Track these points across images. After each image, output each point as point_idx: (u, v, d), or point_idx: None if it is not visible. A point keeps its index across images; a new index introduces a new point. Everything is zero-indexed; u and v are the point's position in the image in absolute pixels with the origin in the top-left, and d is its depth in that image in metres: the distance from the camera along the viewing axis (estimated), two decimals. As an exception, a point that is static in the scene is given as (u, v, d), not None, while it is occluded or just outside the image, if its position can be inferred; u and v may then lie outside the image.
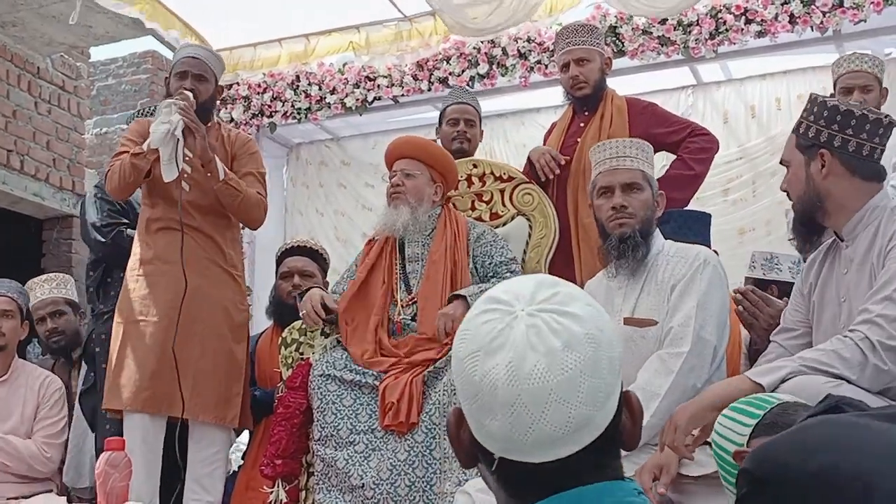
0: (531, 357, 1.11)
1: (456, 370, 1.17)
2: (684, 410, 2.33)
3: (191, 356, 3.70)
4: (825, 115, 2.55)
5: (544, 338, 1.12)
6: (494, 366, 1.12)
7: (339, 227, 7.29)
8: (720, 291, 2.93)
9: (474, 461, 1.21)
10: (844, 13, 5.28)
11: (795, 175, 2.61)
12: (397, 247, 3.73)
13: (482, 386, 1.12)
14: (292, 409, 3.45)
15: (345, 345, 3.54)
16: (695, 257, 2.98)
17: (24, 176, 6.89)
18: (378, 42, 6.28)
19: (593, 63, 4.18)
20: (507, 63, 6.08)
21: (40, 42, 6.80)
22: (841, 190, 2.54)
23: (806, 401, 2.11)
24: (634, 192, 3.06)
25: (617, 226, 3.04)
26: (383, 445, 3.24)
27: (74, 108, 7.50)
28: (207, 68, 3.90)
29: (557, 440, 1.11)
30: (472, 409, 1.15)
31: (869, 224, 2.51)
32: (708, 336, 2.82)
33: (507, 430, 1.11)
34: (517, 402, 1.10)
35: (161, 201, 3.86)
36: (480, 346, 1.14)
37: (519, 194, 4.11)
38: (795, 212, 2.64)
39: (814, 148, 2.56)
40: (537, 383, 1.10)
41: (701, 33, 5.59)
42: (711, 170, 6.18)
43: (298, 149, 7.55)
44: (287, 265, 4.54)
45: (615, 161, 3.10)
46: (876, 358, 2.22)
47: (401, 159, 3.79)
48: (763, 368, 2.34)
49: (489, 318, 1.16)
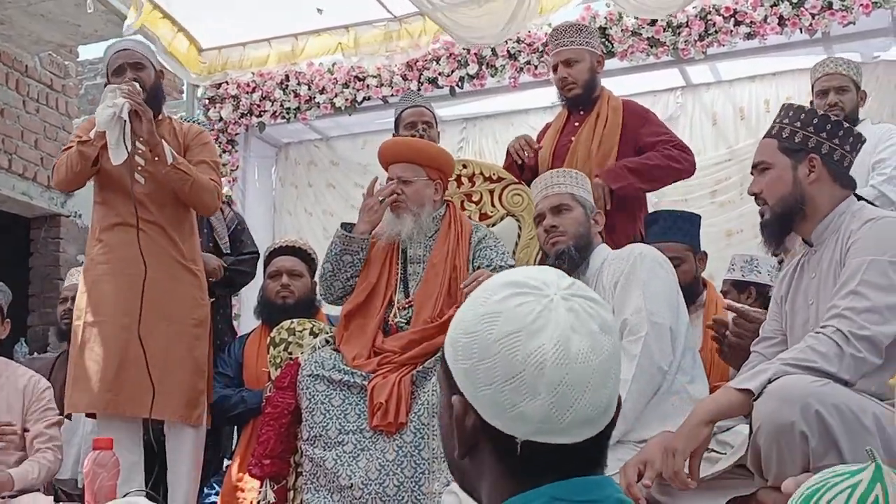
0: (576, 339, 1.14)
1: (483, 354, 1.16)
2: (677, 435, 2.33)
3: (155, 354, 3.64)
4: (814, 123, 2.62)
5: (584, 321, 1.16)
6: (540, 345, 1.13)
7: (328, 226, 7.25)
8: (664, 275, 3.04)
9: (470, 453, 1.20)
10: (833, 15, 5.29)
11: (780, 177, 2.64)
12: (399, 247, 3.72)
13: (526, 366, 1.13)
14: (281, 409, 3.45)
15: (338, 346, 3.53)
16: (629, 252, 3.11)
17: (11, 175, 6.88)
18: (367, 42, 6.28)
19: (583, 63, 4.19)
20: (497, 64, 6.08)
21: (28, 40, 6.78)
22: (822, 196, 2.61)
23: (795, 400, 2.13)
24: (564, 213, 3.28)
25: (551, 245, 3.28)
26: (372, 445, 3.24)
27: (63, 107, 7.49)
28: (140, 55, 3.88)
29: (591, 420, 1.15)
30: (503, 392, 1.14)
31: (836, 230, 2.58)
32: (660, 319, 2.91)
33: (548, 409, 1.13)
34: (563, 381, 1.13)
35: (113, 197, 3.81)
36: (520, 326, 1.14)
37: (508, 195, 4.12)
38: (773, 213, 2.67)
39: (802, 153, 2.62)
40: (582, 364, 1.13)
41: (690, 35, 5.60)
42: (700, 171, 6.20)
43: (287, 149, 7.53)
44: (275, 265, 4.53)
45: (545, 190, 3.35)
46: (850, 348, 2.26)
47: (395, 164, 3.74)
48: (746, 376, 2.36)
49: (523, 300, 1.17)
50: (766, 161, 2.68)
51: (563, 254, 3.19)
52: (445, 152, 3.84)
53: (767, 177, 2.67)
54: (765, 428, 2.17)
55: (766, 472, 2.25)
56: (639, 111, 4.27)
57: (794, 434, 2.12)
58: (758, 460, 2.25)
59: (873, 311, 2.31)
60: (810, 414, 2.11)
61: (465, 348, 1.18)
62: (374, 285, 3.64)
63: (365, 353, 3.45)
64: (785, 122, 2.67)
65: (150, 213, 3.77)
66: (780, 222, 2.67)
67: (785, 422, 2.13)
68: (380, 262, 3.69)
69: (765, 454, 2.20)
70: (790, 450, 2.15)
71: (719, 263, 4.61)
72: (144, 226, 3.71)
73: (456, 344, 1.20)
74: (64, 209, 7.35)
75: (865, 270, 2.37)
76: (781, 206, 2.64)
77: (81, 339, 3.71)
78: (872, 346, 2.28)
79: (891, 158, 4.12)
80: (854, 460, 2.12)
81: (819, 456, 2.12)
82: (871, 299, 2.32)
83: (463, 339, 1.19)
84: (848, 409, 2.14)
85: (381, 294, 3.62)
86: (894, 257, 2.37)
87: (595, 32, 4.42)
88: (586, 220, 3.27)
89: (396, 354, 3.38)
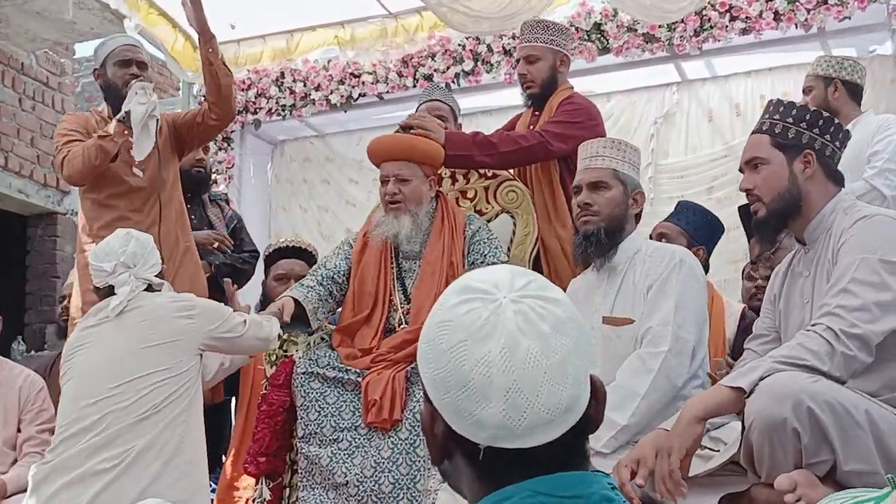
0: (524, 342, 1.12)
1: (437, 362, 1.16)
2: (670, 434, 2.32)
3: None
4: (807, 119, 2.60)
5: (533, 322, 1.13)
6: (487, 352, 1.12)
7: (323, 223, 7.27)
8: (697, 290, 2.97)
9: (447, 457, 1.21)
10: (829, 10, 5.29)
11: (776, 173, 2.62)
12: (392, 244, 3.70)
13: (474, 374, 1.12)
14: (276, 407, 3.45)
15: (335, 346, 3.53)
16: (670, 257, 3.01)
17: (7, 172, 6.87)
18: (363, 38, 6.28)
19: (543, 61, 4.14)
20: (492, 60, 6.08)
21: (24, 38, 6.77)
22: (815, 192, 2.60)
23: (787, 397, 2.13)
24: (601, 191, 3.12)
25: (582, 223, 3.14)
26: (367, 443, 3.24)
27: (59, 105, 7.48)
28: (146, 56, 4.02)
29: (549, 423, 1.12)
30: (458, 400, 1.14)
31: (829, 227, 2.56)
32: (686, 335, 2.85)
33: (501, 416, 1.11)
34: (513, 387, 1.11)
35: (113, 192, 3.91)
36: (468, 334, 1.14)
37: (503, 191, 4.11)
38: (769, 210, 2.64)
39: (797, 148, 2.60)
40: (532, 367, 1.11)
41: (686, 30, 5.60)
42: (696, 167, 6.27)
43: (283, 145, 7.53)
44: (283, 268, 4.50)
45: (588, 161, 3.19)
46: (841, 346, 2.25)
47: (390, 161, 3.68)
48: (737, 373, 2.36)
49: (471, 306, 1.16)
50: (760, 157, 2.65)
51: (592, 235, 3.09)
52: (436, 146, 3.75)
53: (762, 172, 2.64)
54: (757, 425, 2.17)
55: (758, 469, 2.25)
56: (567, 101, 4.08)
57: (787, 431, 2.12)
58: (751, 457, 2.25)
59: (864, 309, 2.30)
60: (802, 411, 2.11)
61: (425, 356, 1.19)
62: (361, 283, 3.64)
63: (360, 352, 3.46)
64: (776, 118, 2.65)
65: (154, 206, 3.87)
66: (776, 219, 2.64)
67: (777, 419, 2.13)
68: (375, 267, 3.66)
69: (757, 451, 2.21)
70: (782, 446, 2.15)
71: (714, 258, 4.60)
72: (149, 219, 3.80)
73: (420, 351, 1.21)
74: (60, 207, 7.34)
75: (857, 268, 2.36)
76: (778, 203, 2.61)
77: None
78: (863, 345, 2.28)
79: (884, 150, 4.06)
80: (846, 457, 2.13)
81: (811, 453, 2.13)
82: (862, 297, 2.32)
83: (423, 347, 1.20)
84: (840, 406, 2.14)
85: (380, 302, 3.60)
86: (885, 255, 2.36)
87: (564, 31, 4.28)
88: (624, 200, 3.12)
89: (391, 353, 3.38)
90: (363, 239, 3.74)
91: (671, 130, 6.45)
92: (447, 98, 4.52)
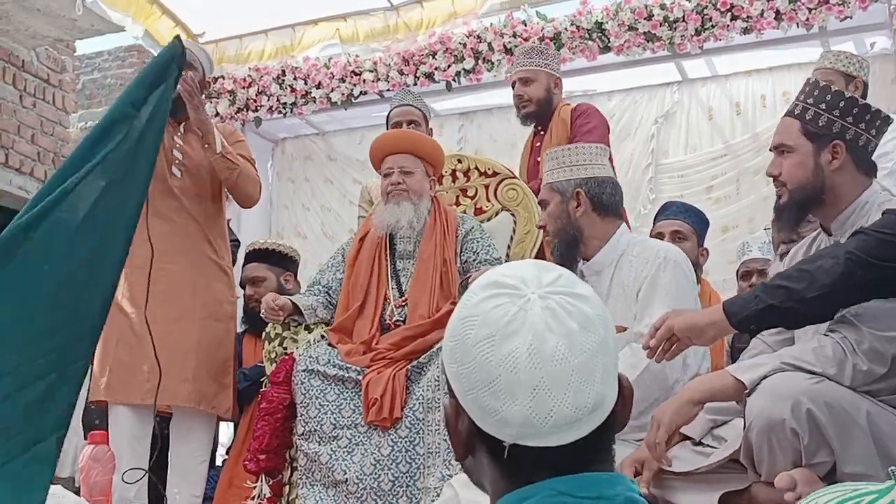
0: (551, 339, 1.11)
1: (463, 358, 1.14)
2: (666, 407, 2.33)
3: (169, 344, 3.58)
4: (840, 106, 2.48)
5: (561, 320, 1.12)
6: (514, 349, 1.11)
7: (326, 221, 7.28)
8: (686, 286, 2.98)
9: (470, 453, 1.20)
10: (830, 10, 5.29)
11: (801, 162, 2.51)
12: (387, 243, 3.71)
13: (500, 370, 1.11)
14: (276, 404, 3.45)
15: (333, 343, 3.53)
16: (655, 255, 3.02)
17: (8, 169, 6.86)
18: (364, 33, 6.29)
19: (538, 82, 4.36)
20: (493, 58, 6.07)
21: (25, 35, 6.76)
22: (844, 183, 2.49)
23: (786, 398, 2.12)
24: (545, 208, 3.21)
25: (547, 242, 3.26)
26: (367, 440, 3.25)
27: (59, 102, 7.47)
28: (195, 56, 3.91)
29: (576, 422, 1.11)
30: (484, 396, 1.12)
31: (858, 220, 2.45)
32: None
33: (527, 414, 1.10)
34: (540, 384, 1.10)
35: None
36: (495, 330, 1.12)
37: (503, 189, 4.12)
38: (791, 199, 2.55)
39: (826, 138, 2.48)
40: (560, 365, 1.10)
41: (686, 29, 5.59)
42: (696, 166, 6.28)
43: (284, 143, 7.54)
44: (246, 271, 4.58)
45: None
46: (855, 358, 2.20)
47: (394, 154, 3.72)
48: (744, 365, 2.33)
49: (499, 302, 1.14)
50: (788, 144, 2.54)
51: (555, 248, 3.17)
52: (440, 149, 3.86)
53: (788, 160, 2.54)
54: (756, 424, 2.17)
55: (758, 468, 2.24)
56: (582, 109, 4.32)
57: (785, 431, 2.12)
58: (751, 456, 2.24)
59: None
60: (801, 412, 2.10)
61: (450, 352, 1.18)
62: (356, 284, 3.65)
63: (360, 349, 3.46)
64: (809, 102, 2.52)
65: (184, 207, 3.82)
66: (797, 208, 2.55)
67: (776, 419, 2.12)
68: (368, 262, 3.69)
69: (756, 451, 2.20)
70: (781, 446, 2.14)
71: (714, 258, 4.61)
72: (176, 216, 3.77)
73: (445, 347, 1.19)
74: (60, 204, 7.33)
75: None
76: (800, 193, 2.52)
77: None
78: (878, 357, 2.21)
79: (893, 152, 4.04)
80: (845, 458, 2.12)
81: (811, 453, 2.12)
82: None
83: (449, 343, 1.18)
84: (840, 407, 2.12)
85: (373, 295, 3.62)
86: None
87: (556, 56, 4.60)
88: (562, 209, 3.13)
89: (391, 351, 3.38)
90: (358, 244, 3.76)
91: (671, 129, 6.46)
92: (418, 103, 4.60)
